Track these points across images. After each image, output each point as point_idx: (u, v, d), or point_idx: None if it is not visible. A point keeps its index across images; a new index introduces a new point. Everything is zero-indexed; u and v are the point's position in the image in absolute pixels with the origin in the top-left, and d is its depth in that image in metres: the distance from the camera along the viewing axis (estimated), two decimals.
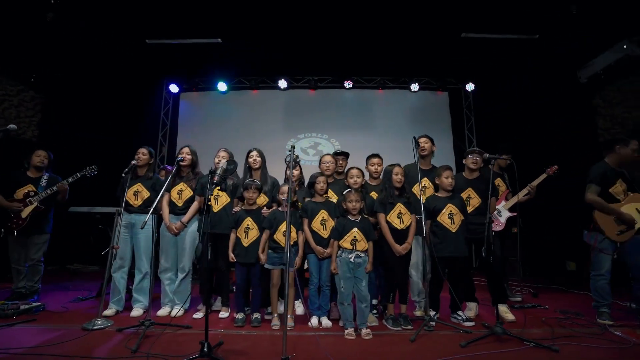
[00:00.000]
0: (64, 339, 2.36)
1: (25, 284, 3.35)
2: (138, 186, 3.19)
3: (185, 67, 6.62)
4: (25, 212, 3.34)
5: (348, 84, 6.77)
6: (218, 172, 2.25)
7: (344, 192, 2.77)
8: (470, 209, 3.01)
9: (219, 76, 6.74)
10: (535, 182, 3.72)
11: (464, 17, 5.10)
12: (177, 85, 6.87)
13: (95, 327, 2.57)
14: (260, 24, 5.30)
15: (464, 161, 3.32)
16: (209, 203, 2.13)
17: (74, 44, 5.39)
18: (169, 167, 4.23)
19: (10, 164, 3.20)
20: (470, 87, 6.79)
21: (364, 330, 2.50)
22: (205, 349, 1.97)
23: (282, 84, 6.75)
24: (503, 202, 3.65)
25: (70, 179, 3.43)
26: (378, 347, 2.30)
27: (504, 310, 2.95)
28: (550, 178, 3.81)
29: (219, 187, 2.54)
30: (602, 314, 2.82)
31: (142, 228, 2.63)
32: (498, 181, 3.62)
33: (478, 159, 3.20)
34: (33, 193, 3.41)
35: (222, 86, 6.76)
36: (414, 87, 6.74)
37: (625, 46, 5.15)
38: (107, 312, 2.95)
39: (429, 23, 5.24)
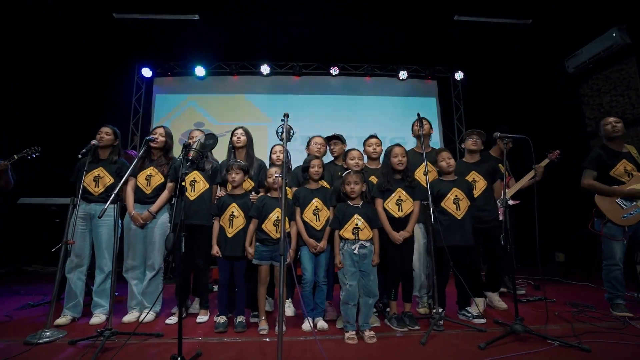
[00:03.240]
0: (4, 353, 1.89)
1: None
2: (99, 171, 2.71)
3: (160, 50, 6.06)
4: None
5: (334, 71, 6.45)
6: (194, 147, 1.85)
7: (342, 174, 2.42)
8: (477, 193, 2.79)
9: (197, 60, 6.23)
10: (542, 163, 3.55)
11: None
12: (151, 70, 6.28)
13: (42, 340, 2.10)
14: (241, 4, 4.87)
15: (462, 145, 3.16)
16: (181, 183, 1.72)
17: (29, 15, 4.74)
18: (132, 152, 3.75)
19: None
20: (459, 75, 6.62)
21: (367, 333, 2.17)
22: None
23: (265, 69, 6.34)
24: (505, 190, 3.43)
25: (6, 160, 2.88)
26: (386, 351, 1.98)
27: (496, 299, 2.84)
28: (553, 163, 3.64)
29: (195, 167, 2.13)
30: (618, 306, 2.63)
31: (100, 217, 2.18)
32: (501, 167, 3.42)
33: (478, 140, 3.03)
34: None
35: (199, 71, 6.25)
36: (403, 74, 6.51)
37: (614, 34, 5.09)
38: (61, 320, 2.47)
39: (420, 5, 4.99)
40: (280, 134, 1.93)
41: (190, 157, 1.79)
